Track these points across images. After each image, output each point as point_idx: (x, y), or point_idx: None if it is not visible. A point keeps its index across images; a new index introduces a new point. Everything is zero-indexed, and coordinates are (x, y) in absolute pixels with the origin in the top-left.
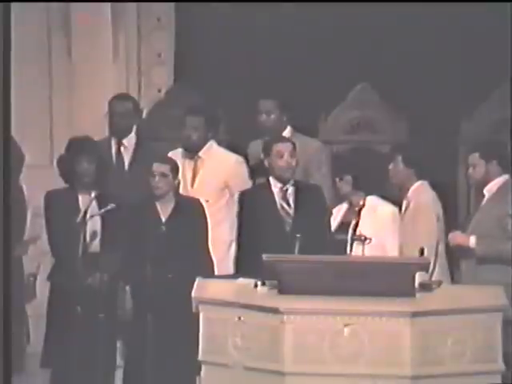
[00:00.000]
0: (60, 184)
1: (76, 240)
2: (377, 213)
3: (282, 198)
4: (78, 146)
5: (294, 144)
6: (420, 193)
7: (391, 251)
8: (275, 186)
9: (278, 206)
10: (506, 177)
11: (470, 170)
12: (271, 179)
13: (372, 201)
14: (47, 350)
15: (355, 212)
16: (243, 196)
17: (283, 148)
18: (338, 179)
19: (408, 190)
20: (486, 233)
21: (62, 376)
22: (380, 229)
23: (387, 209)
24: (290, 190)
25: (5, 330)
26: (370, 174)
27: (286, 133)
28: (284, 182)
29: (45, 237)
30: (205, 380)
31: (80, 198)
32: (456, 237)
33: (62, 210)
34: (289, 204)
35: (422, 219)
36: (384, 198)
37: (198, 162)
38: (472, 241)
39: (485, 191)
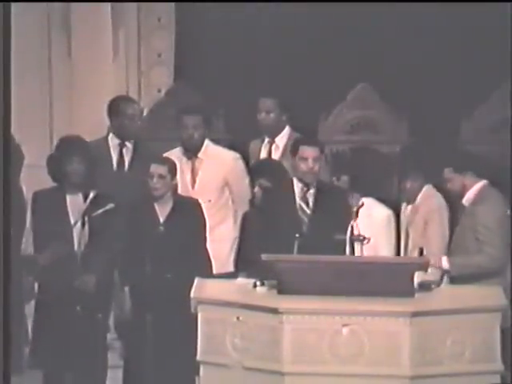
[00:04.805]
0: None
1: (61, 240)
2: (372, 215)
3: (301, 198)
4: (69, 146)
5: (321, 148)
6: (429, 197)
7: (384, 254)
8: (297, 186)
9: (297, 206)
10: (483, 182)
11: (448, 185)
12: (294, 179)
13: (367, 203)
14: (33, 350)
15: (353, 212)
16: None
17: (308, 152)
18: (334, 179)
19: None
20: (463, 246)
21: (53, 377)
22: (374, 231)
23: (382, 212)
24: (312, 190)
25: (5, 330)
26: (368, 174)
27: (285, 132)
28: (306, 184)
29: None
30: (204, 380)
31: (68, 198)
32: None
33: (48, 209)
34: (308, 205)
35: (435, 223)
36: (381, 200)
37: (196, 163)
38: (444, 262)
39: (464, 202)
